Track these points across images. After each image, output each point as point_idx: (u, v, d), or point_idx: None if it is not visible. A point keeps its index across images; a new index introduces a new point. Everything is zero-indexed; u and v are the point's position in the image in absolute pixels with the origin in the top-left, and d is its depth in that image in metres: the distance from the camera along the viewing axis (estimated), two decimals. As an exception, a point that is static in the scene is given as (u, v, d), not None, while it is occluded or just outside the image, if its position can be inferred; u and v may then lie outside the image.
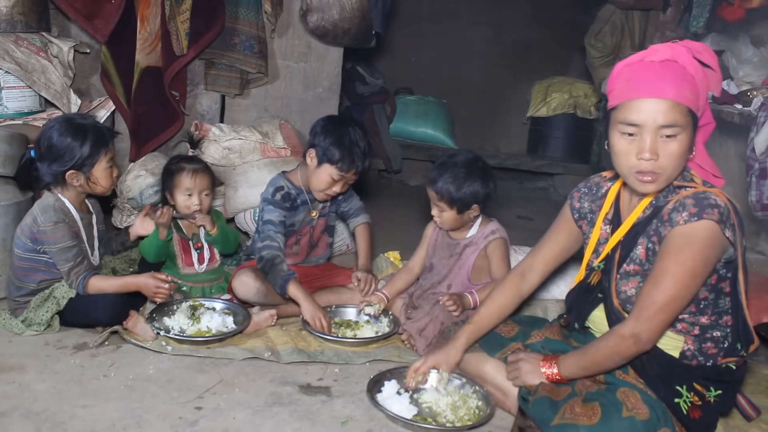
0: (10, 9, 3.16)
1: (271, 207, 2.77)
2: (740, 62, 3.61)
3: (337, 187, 2.76)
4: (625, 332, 1.79)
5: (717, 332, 1.88)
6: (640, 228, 1.90)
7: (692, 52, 1.78)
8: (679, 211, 1.77)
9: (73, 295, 2.46)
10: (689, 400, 1.85)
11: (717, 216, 1.73)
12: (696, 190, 1.80)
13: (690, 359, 1.88)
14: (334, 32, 3.67)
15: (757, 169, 2.84)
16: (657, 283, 1.77)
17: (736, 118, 3.17)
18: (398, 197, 5.09)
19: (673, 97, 1.72)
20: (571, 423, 1.76)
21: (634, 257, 1.90)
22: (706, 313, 1.86)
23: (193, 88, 3.73)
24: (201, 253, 2.87)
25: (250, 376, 2.28)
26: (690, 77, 1.76)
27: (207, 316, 2.60)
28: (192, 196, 2.80)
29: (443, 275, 2.68)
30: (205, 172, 2.85)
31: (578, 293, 2.06)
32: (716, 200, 1.75)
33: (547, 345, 2.10)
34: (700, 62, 1.79)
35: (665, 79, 1.74)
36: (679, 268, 1.75)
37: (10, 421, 1.91)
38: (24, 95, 3.20)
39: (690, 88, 1.75)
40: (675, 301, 1.76)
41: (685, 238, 1.75)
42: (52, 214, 2.45)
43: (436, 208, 2.60)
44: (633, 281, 1.89)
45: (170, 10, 3.32)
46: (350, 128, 2.74)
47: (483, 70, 6.44)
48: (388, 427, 2.02)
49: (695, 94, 1.76)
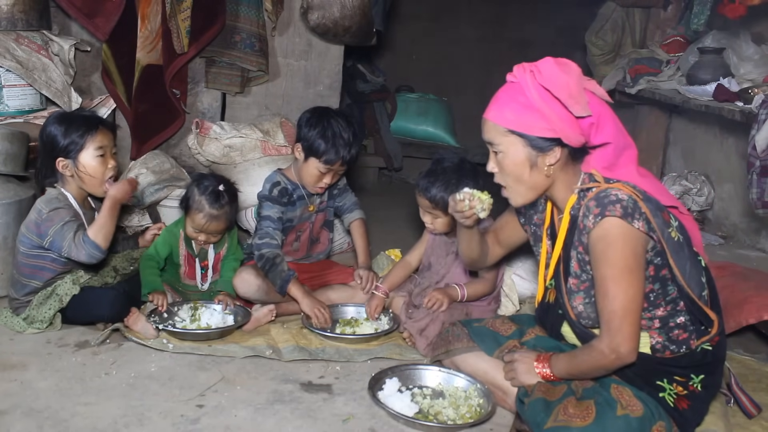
0: (11, 7, 3.16)
1: (268, 203, 2.77)
2: (741, 60, 3.61)
3: (326, 179, 2.76)
4: (604, 348, 1.79)
5: (680, 318, 1.86)
6: (568, 242, 1.92)
7: (535, 75, 1.81)
8: (587, 216, 1.80)
9: (77, 292, 2.46)
10: (673, 392, 1.85)
11: (620, 211, 1.74)
12: (598, 189, 1.82)
13: (662, 351, 1.87)
14: (335, 30, 3.67)
15: (758, 167, 2.84)
16: (604, 293, 1.78)
17: (737, 116, 3.17)
18: (399, 195, 5.08)
19: (491, 118, 1.87)
20: (564, 425, 1.77)
21: (572, 271, 1.92)
22: (659, 305, 1.85)
23: (193, 86, 3.73)
24: (205, 273, 2.82)
25: (251, 373, 2.28)
26: (524, 101, 1.81)
27: (207, 314, 2.61)
28: (200, 234, 2.73)
29: (441, 274, 2.68)
30: (222, 219, 2.71)
31: (543, 312, 2.10)
32: (617, 195, 1.77)
33: (538, 343, 2.11)
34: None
35: (494, 102, 1.89)
36: (613, 271, 1.76)
37: (12, 419, 1.91)
38: (25, 93, 3.20)
39: (516, 111, 1.82)
40: (631, 302, 1.76)
41: (603, 241, 1.77)
42: (56, 203, 2.47)
43: (428, 215, 2.60)
44: (579, 297, 1.91)
45: (171, 8, 3.31)
46: (333, 120, 2.73)
47: (483, 68, 6.43)
48: (389, 424, 2.03)
49: (530, 116, 1.80)
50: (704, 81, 3.56)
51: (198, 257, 2.81)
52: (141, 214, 3.28)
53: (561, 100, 1.78)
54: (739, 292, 2.62)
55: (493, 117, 1.87)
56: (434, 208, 2.55)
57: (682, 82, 3.85)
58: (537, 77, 1.80)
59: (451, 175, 2.53)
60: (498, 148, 1.88)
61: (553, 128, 1.80)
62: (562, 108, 1.79)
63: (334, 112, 2.84)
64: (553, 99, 1.79)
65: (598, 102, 1.86)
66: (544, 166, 1.86)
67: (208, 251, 2.82)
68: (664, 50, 4.35)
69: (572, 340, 2.02)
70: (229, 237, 2.86)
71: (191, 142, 3.48)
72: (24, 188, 2.84)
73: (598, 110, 1.84)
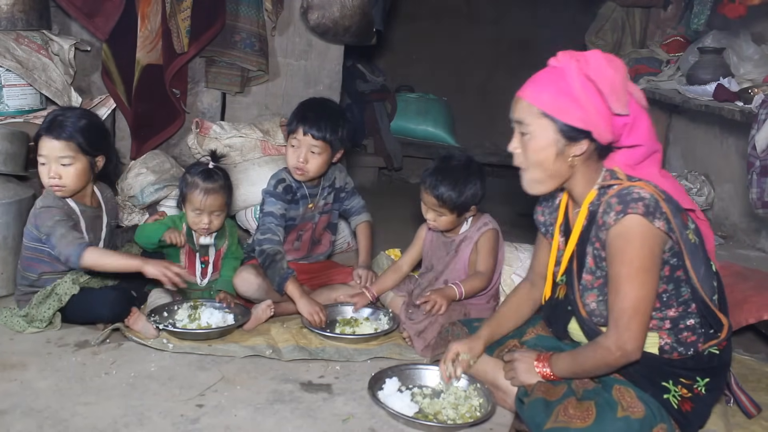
0: (10, 7, 3.16)
1: (272, 199, 2.77)
2: (741, 59, 3.61)
3: (300, 155, 2.68)
4: (610, 345, 1.79)
5: (690, 320, 1.87)
6: (584, 237, 1.91)
7: (581, 65, 1.80)
8: (607, 213, 1.80)
9: (76, 292, 2.46)
10: (678, 394, 1.85)
11: (642, 209, 1.74)
12: (620, 187, 1.82)
13: (670, 353, 1.87)
14: (335, 30, 3.67)
15: (757, 167, 2.84)
16: (617, 290, 1.78)
17: (737, 116, 3.16)
18: (399, 195, 5.08)
19: (527, 97, 1.84)
20: (563, 426, 1.76)
21: (586, 267, 1.91)
22: (671, 305, 1.85)
23: (193, 85, 3.73)
24: (205, 268, 2.81)
25: (251, 373, 2.28)
26: (565, 88, 1.80)
27: (207, 313, 2.60)
28: (201, 215, 2.71)
29: (440, 272, 2.69)
30: (218, 193, 2.70)
31: (550, 309, 2.09)
32: (639, 193, 1.77)
33: (539, 342, 2.11)
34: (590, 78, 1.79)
35: (532, 81, 1.87)
36: (629, 268, 1.76)
37: (12, 419, 1.91)
38: (25, 93, 3.20)
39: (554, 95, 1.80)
40: (642, 301, 1.76)
41: (622, 238, 1.77)
42: (48, 200, 2.48)
43: (432, 212, 2.59)
44: (592, 295, 1.90)
45: (171, 7, 3.31)
46: (316, 102, 2.79)
47: (484, 68, 6.43)
48: (389, 424, 2.03)
49: (568, 104, 1.79)
50: (704, 81, 3.56)
51: (199, 252, 2.81)
52: (141, 214, 3.28)
53: (603, 93, 1.77)
54: (739, 292, 2.62)
55: (528, 96, 1.84)
56: (440, 206, 2.55)
57: (682, 81, 3.85)
58: (583, 67, 1.79)
59: (459, 174, 2.53)
60: (526, 129, 1.85)
61: (588, 120, 1.79)
62: (602, 102, 1.78)
63: (327, 100, 2.87)
64: (595, 91, 1.78)
65: (635, 104, 1.85)
66: (569, 156, 1.84)
67: (209, 248, 2.81)
68: (664, 50, 4.36)
69: (579, 338, 2.01)
70: (229, 235, 2.86)
71: (191, 141, 3.49)
72: (24, 188, 2.84)
73: (635, 112, 1.83)
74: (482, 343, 2.17)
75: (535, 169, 1.88)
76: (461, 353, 2.15)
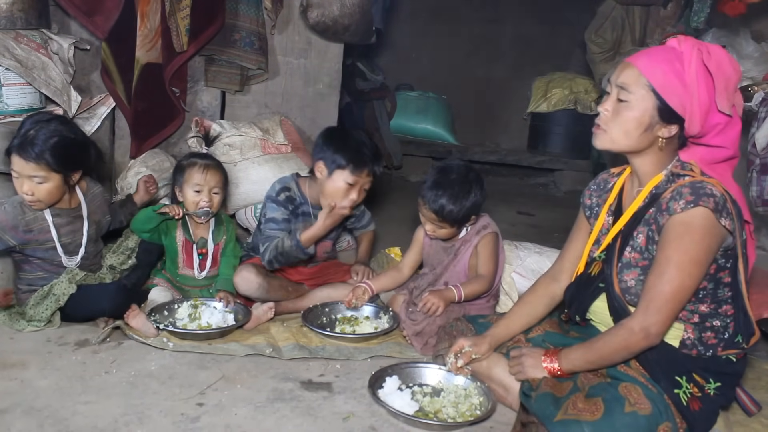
0: (9, 6, 3.16)
1: (273, 205, 2.75)
2: (741, 58, 3.60)
3: (354, 194, 2.67)
4: (635, 326, 1.80)
5: (717, 321, 1.89)
6: (639, 216, 1.92)
7: (702, 54, 1.81)
8: (676, 200, 1.80)
9: (74, 291, 2.47)
10: (689, 391, 1.86)
11: (712, 204, 1.76)
12: (693, 179, 1.83)
13: (690, 348, 1.89)
14: (335, 28, 3.67)
15: (757, 165, 2.84)
16: (661, 273, 1.79)
17: (737, 114, 3.16)
18: (399, 193, 5.09)
19: (640, 67, 1.83)
20: (574, 419, 1.77)
21: (635, 246, 1.92)
22: (705, 301, 1.88)
23: (193, 84, 3.73)
24: (203, 260, 2.81)
25: (251, 372, 2.28)
26: (679, 70, 1.81)
27: (207, 312, 2.60)
28: (201, 193, 2.74)
29: (439, 273, 2.69)
30: (216, 169, 2.80)
31: (578, 285, 2.08)
32: (712, 190, 1.79)
33: (548, 338, 2.12)
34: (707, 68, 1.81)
35: (647, 53, 1.87)
36: (681, 256, 1.77)
37: (12, 418, 1.91)
38: (24, 92, 3.20)
39: (667, 73, 1.80)
40: (681, 291, 1.79)
41: (684, 226, 1.78)
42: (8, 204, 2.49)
43: (431, 224, 2.59)
44: (633, 272, 1.91)
45: (170, 6, 3.31)
46: (352, 134, 2.74)
47: (483, 66, 6.44)
48: (389, 422, 2.03)
49: (676, 86, 1.80)
50: (704, 79, 3.55)
51: (196, 244, 2.81)
52: (140, 213, 3.28)
53: (716, 88, 1.79)
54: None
55: (642, 66, 1.84)
56: (440, 221, 2.55)
57: (682, 80, 3.84)
58: (704, 56, 1.80)
59: (458, 187, 2.51)
60: (627, 97, 1.85)
61: (688, 107, 1.81)
62: (709, 96, 1.80)
63: (351, 127, 2.86)
64: (707, 83, 1.80)
65: (734, 109, 1.87)
66: (655, 134, 1.86)
67: (207, 240, 2.82)
68: (663, 48, 4.35)
69: (600, 319, 2.02)
70: (227, 230, 2.87)
71: (191, 140, 3.48)
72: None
73: (733, 116, 1.86)
74: (487, 342, 2.17)
75: (618, 133, 1.89)
76: (465, 347, 2.16)
